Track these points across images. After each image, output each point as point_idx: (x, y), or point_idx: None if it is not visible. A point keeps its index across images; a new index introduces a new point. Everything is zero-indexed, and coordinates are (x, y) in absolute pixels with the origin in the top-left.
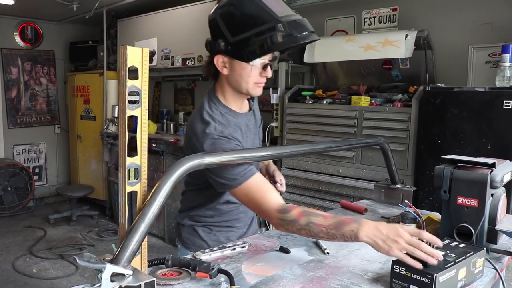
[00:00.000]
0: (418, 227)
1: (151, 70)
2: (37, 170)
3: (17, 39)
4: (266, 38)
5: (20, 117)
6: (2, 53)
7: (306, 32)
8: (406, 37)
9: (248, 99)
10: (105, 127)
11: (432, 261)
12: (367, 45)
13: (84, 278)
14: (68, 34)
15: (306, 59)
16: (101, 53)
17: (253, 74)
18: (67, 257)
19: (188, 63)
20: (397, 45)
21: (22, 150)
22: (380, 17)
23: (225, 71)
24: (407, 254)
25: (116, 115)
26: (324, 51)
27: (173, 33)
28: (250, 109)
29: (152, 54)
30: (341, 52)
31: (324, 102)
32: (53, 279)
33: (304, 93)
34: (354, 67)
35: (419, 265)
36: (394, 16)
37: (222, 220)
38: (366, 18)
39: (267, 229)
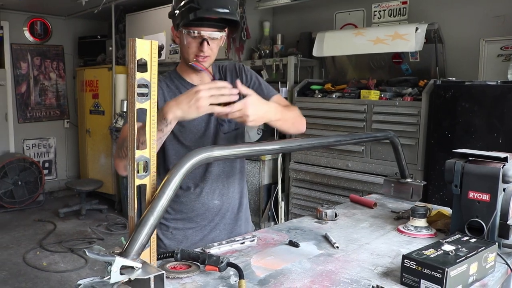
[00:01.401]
0: (429, 222)
1: (159, 64)
2: (47, 165)
3: (27, 34)
4: (183, 11)
5: (30, 111)
6: (12, 48)
7: (213, 9)
8: (416, 31)
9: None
10: (114, 121)
11: (234, 98)
12: (376, 39)
13: (93, 272)
14: (77, 29)
15: (315, 53)
16: (110, 48)
17: (192, 46)
18: (76, 250)
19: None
20: (407, 39)
21: (32, 144)
22: (390, 10)
23: (177, 41)
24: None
25: (125, 110)
26: (333, 44)
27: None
28: None
29: (160, 48)
30: (350, 45)
31: (333, 96)
32: (63, 272)
33: (313, 87)
34: (363, 60)
35: (227, 110)
36: (404, 9)
37: (177, 209)
38: (376, 11)
39: (276, 223)
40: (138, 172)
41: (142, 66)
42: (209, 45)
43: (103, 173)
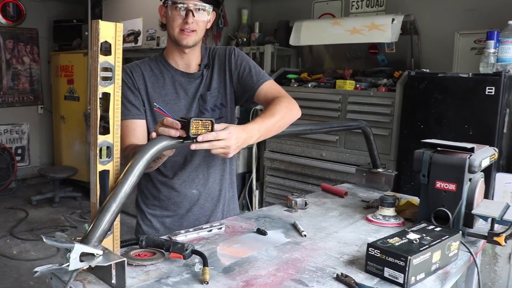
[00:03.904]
0: (397, 211)
1: (136, 50)
2: (19, 151)
3: None
4: None
5: (1, 96)
6: None
7: None
8: (392, 22)
9: (206, 66)
10: (89, 108)
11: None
12: (353, 29)
13: (65, 260)
14: (52, 12)
15: (292, 41)
16: (86, 33)
17: (176, 19)
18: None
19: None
20: (384, 29)
21: (4, 130)
22: (368, 1)
23: (164, 20)
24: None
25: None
26: (310, 34)
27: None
28: (201, 73)
29: (137, 34)
30: (327, 35)
31: (309, 85)
32: (33, 260)
33: (290, 76)
34: (340, 51)
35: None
36: (382, 0)
37: (156, 196)
38: (354, 1)
39: (249, 211)
40: (100, 157)
41: (106, 49)
42: (194, 17)
43: (78, 160)
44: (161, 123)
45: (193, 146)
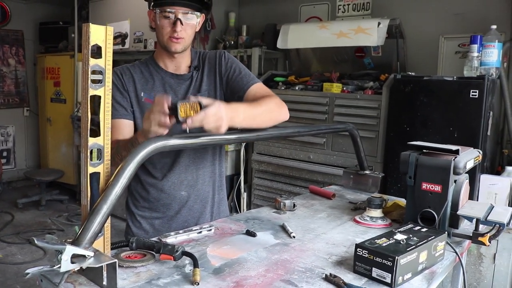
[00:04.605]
0: (384, 212)
1: (123, 53)
2: (5, 154)
3: None
4: None
5: None
6: None
7: None
8: (378, 25)
9: (196, 68)
10: (76, 110)
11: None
12: (340, 32)
13: (52, 263)
14: (37, 14)
15: (280, 45)
16: (72, 35)
17: (165, 26)
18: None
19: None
20: (370, 33)
21: None
22: (354, 5)
23: (153, 25)
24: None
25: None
26: (297, 37)
27: (146, 16)
28: (191, 75)
29: (124, 37)
30: (314, 38)
31: (297, 88)
32: (20, 264)
33: (277, 79)
34: (327, 54)
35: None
36: (368, 4)
37: (145, 197)
38: (340, 5)
39: (237, 213)
40: (91, 160)
41: (97, 52)
42: (182, 25)
43: (64, 162)
44: (151, 111)
45: (185, 126)
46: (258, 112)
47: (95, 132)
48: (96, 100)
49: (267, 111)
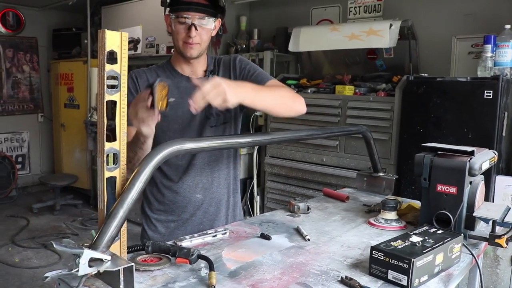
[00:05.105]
0: (399, 214)
1: (136, 58)
2: (20, 159)
3: None
4: None
5: (2, 105)
6: None
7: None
8: (390, 27)
9: (211, 72)
10: (89, 115)
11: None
12: (351, 34)
13: (67, 267)
14: (51, 21)
15: (291, 48)
16: (85, 41)
17: (180, 32)
18: (50, 246)
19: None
20: (381, 35)
21: (5, 138)
22: (365, 7)
23: (169, 30)
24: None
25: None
26: (309, 40)
27: (158, 21)
28: (207, 79)
29: (137, 42)
30: (326, 41)
31: (309, 91)
32: (35, 268)
33: (289, 82)
34: (338, 56)
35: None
36: (379, 5)
37: (160, 200)
38: (352, 7)
39: (251, 216)
40: (107, 164)
41: (112, 58)
42: (197, 30)
43: (78, 167)
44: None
45: (192, 109)
46: (267, 94)
47: (111, 137)
48: (111, 105)
49: (278, 96)
